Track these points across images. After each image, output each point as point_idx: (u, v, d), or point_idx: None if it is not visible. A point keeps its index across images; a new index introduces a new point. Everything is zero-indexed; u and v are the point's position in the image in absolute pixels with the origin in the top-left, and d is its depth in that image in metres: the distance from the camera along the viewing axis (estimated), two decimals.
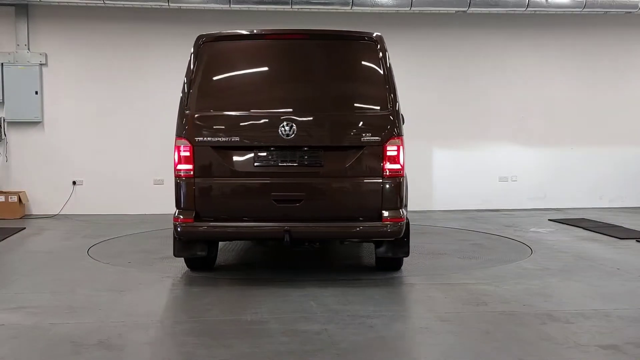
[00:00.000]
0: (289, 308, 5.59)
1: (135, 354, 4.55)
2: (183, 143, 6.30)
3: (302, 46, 6.72)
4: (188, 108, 6.37)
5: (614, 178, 12.75)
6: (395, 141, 6.28)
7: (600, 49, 12.57)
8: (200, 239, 6.58)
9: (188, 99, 6.39)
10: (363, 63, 6.62)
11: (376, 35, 6.55)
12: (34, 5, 11.30)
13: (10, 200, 11.05)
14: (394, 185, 6.30)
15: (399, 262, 6.95)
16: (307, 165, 6.30)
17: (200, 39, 6.54)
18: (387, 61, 6.45)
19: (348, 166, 6.29)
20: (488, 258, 7.80)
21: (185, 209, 6.32)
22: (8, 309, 5.55)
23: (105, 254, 7.97)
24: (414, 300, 6.16)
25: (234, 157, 6.33)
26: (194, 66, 6.45)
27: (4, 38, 11.40)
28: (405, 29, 11.79)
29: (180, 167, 6.32)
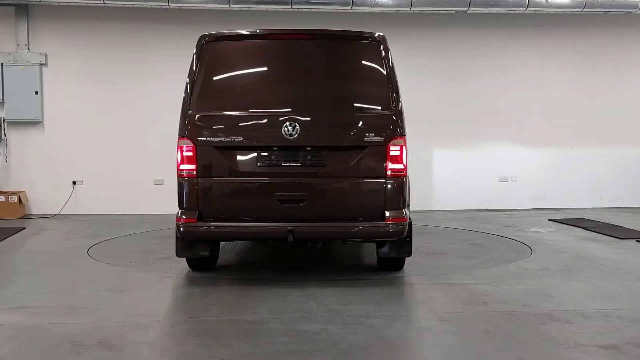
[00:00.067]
0: (289, 308, 5.59)
1: (135, 354, 4.54)
2: (186, 143, 6.29)
3: (305, 46, 6.71)
4: (191, 108, 6.35)
5: (614, 178, 12.75)
6: (398, 141, 6.27)
7: (600, 49, 12.58)
8: (203, 239, 6.57)
9: (191, 99, 6.37)
10: (366, 63, 6.61)
11: (379, 35, 6.55)
12: (34, 5, 11.30)
13: (10, 200, 11.05)
14: (397, 185, 6.30)
15: (401, 262, 6.95)
16: (310, 165, 6.30)
17: (203, 38, 6.52)
18: (390, 61, 6.45)
19: (351, 166, 6.29)
20: (488, 258, 7.80)
21: (188, 209, 6.31)
22: (8, 309, 5.54)
23: (105, 254, 7.97)
24: (414, 300, 6.16)
25: (237, 157, 6.32)
26: (196, 66, 6.44)
27: (4, 38, 11.40)
28: (405, 29, 11.79)
29: (183, 167, 6.31)
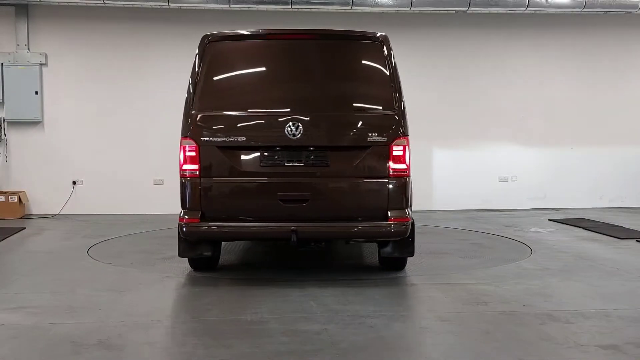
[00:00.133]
0: (289, 308, 5.59)
1: (135, 354, 4.54)
2: (189, 143, 6.28)
3: (308, 46, 6.70)
4: (194, 108, 6.34)
5: (614, 178, 12.75)
6: (401, 141, 6.28)
7: (600, 49, 12.58)
8: (206, 239, 6.56)
9: (193, 99, 6.36)
10: (369, 63, 6.61)
11: (382, 35, 6.55)
12: (34, 5, 11.30)
13: (10, 200, 11.05)
14: (400, 185, 6.30)
15: (404, 262, 6.96)
16: (314, 165, 6.29)
17: (206, 38, 6.51)
18: (393, 61, 6.45)
19: (354, 166, 6.29)
20: (488, 258, 7.80)
21: (191, 209, 6.30)
22: (8, 309, 5.55)
23: (105, 254, 7.97)
24: (414, 300, 6.16)
25: (240, 157, 6.31)
26: (199, 66, 6.42)
27: (4, 38, 11.40)
28: (405, 29, 11.79)
29: (185, 167, 6.30)
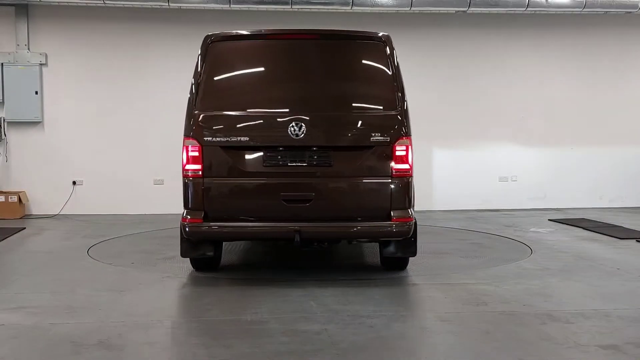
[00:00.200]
0: (289, 308, 5.59)
1: (135, 354, 4.54)
2: (191, 143, 6.27)
3: (311, 46, 6.70)
4: (196, 108, 6.33)
5: (614, 178, 12.75)
6: (404, 141, 6.28)
7: (600, 49, 12.58)
8: (209, 239, 6.56)
9: (196, 99, 6.35)
10: (371, 63, 6.61)
11: (384, 35, 6.56)
12: (34, 5, 11.29)
13: (10, 200, 11.05)
14: (403, 185, 6.30)
15: (406, 262, 6.96)
16: (317, 165, 6.29)
17: (208, 38, 6.50)
18: (395, 61, 6.46)
19: (357, 166, 6.29)
20: (488, 258, 7.80)
21: (194, 209, 6.29)
22: (8, 309, 5.54)
23: (105, 254, 7.97)
24: (414, 300, 6.17)
25: (243, 157, 6.30)
26: (202, 66, 6.42)
27: (4, 38, 11.40)
28: (405, 29, 11.79)
29: (188, 167, 6.29)
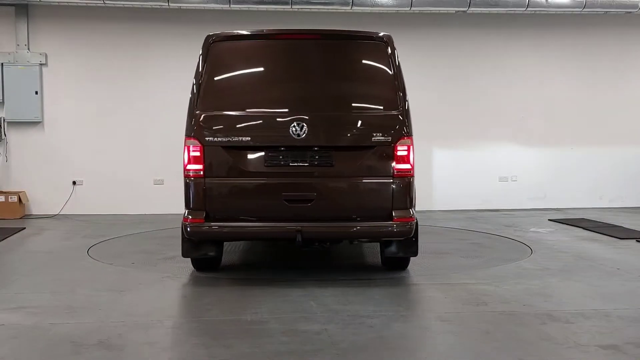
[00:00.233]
0: (289, 308, 5.59)
1: (135, 354, 4.54)
2: (193, 143, 6.26)
3: (312, 46, 6.69)
4: (198, 108, 6.32)
5: (614, 178, 12.75)
6: (405, 141, 6.28)
7: (600, 49, 12.58)
8: (211, 239, 6.56)
9: (198, 99, 6.35)
10: (373, 63, 6.61)
11: (386, 36, 6.56)
12: (34, 5, 11.29)
13: (10, 200, 11.05)
14: (404, 185, 6.30)
15: (407, 262, 6.96)
16: (318, 165, 6.29)
17: (210, 38, 6.49)
18: (397, 61, 6.46)
19: (359, 166, 6.29)
20: (488, 258, 7.80)
21: (195, 209, 6.29)
22: (8, 309, 5.55)
23: (105, 254, 7.97)
24: (414, 300, 6.17)
25: (245, 157, 6.30)
26: (203, 66, 6.41)
27: (4, 38, 11.40)
28: (405, 29, 11.78)
29: (190, 167, 6.29)
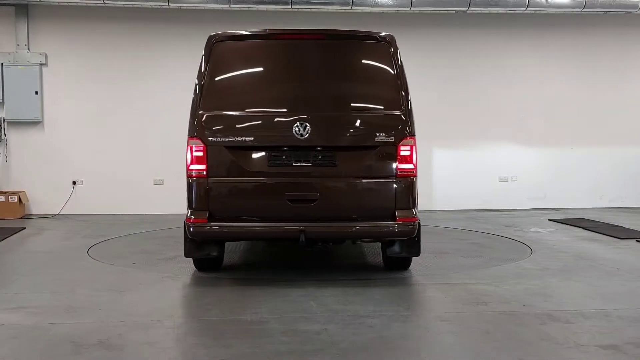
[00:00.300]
0: (289, 308, 5.59)
1: (135, 354, 4.54)
2: (196, 143, 6.26)
3: (314, 46, 6.69)
4: (201, 108, 6.32)
5: (614, 178, 12.75)
6: (408, 141, 6.29)
7: (600, 49, 12.58)
8: (214, 239, 6.55)
9: (200, 99, 6.34)
10: (376, 63, 6.61)
11: (389, 36, 6.56)
12: (34, 5, 11.29)
13: (10, 200, 11.05)
14: (407, 185, 6.31)
15: (409, 262, 6.96)
16: (321, 166, 6.29)
17: (212, 38, 6.49)
18: (399, 61, 6.46)
19: (362, 166, 6.30)
20: (488, 258, 7.80)
21: (198, 209, 6.28)
22: (8, 309, 5.55)
23: (105, 254, 7.97)
24: (414, 300, 6.17)
25: (248, 157, 6.30)
26: (206, 66, 6.40)
27: (4, 38, 11.40)
28: (405, 29, 11.77)
29: (192, 167, 6.28)
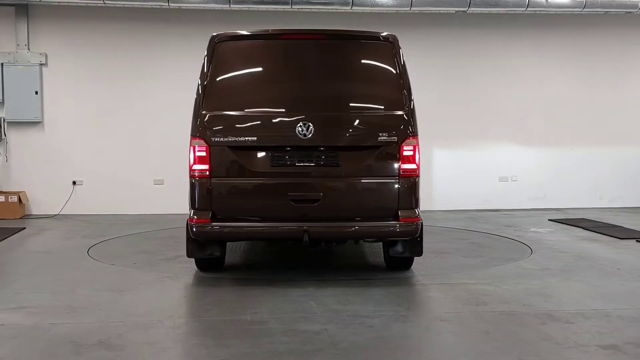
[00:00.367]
0: (289, 308, 5.60)
1: (135, 354, 4.54)
2: (199, 143, 6.25)
3: (317, 46, 6.69)
4: (203, 108, 6.32)
5: (614, 178, 12.75)
6: (411, 141, 6.29)
7: (600, 49, 12.58)
8: (217, 239, 6.55)
9: (203, 99, 6.34)
10: (378, 63, 6.61)
11: (391, 36, 6.57)
12: (34, 5, 11.29)
13: (10, 200, 11.05)
14: (410, 184, 6.31)
15: (411, 261, 6.97)
16: (324, 166, 6.29)
17: (215, 38, 6.49)
18: (402, 61, 6.47)
19: (365, 166, 6.30)
20: (488, 258, 7.80)
21: (201, 209, 6.27)
22: (8, 309, 5.55)
23: (105, 254, 7.97)
24: (414, 300, 6.16)
25: (251, 157, 6.30)
26: (208, 66, 6.40)
27: (4, 38, 11.40)
28: (405, 29, 11.74)
29: (195, 167, 6.27)
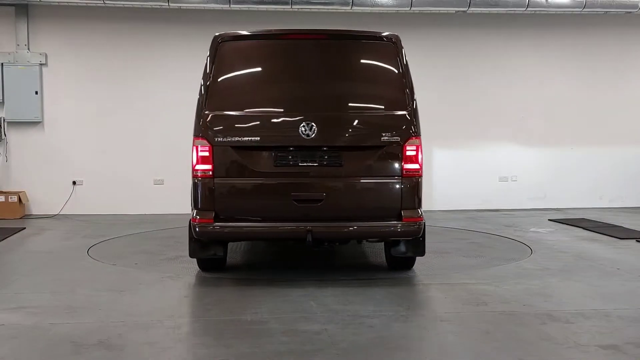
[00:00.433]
0: (289, 308, 5.60)
1: (135, 354, 4.54)
2: (201, 143, 6.25)
3: (320, 46, 6.69)
4: (206, 108, 6.31)
5: (614, 178, 12.75)
6: (414, 141, 6.30)
7: (600, 49, 12.58)
8: (220, 239, 6.55)
9: (206, 99, 6.33)
10: (381, 63, 6.62)
11: (394, 36, 6.57)
12: (34, 5, 11.29)
13: (10, 200, 11.05)
14: (413, 184, 6.32)
15: (413, 261, 6.97)
16: (327, 165, 6.29)
17: (218, 38, 6.49)
18: (405, 61, 6.47)
19: (368, 166, 6.31)
20: (488, 258, 7.80)
21: (204, 209, 6.27)
22: (8, 309, 5.55)
23: (105, 254, 7.97)
24: (414, 300, 6.16)
25: (254, 157, 6.30)
26: (211, 66, 6.40)
27: (4, 38, 11.40)
28: (405, 29, 11.66)
29: (198, 168, 6.27)
